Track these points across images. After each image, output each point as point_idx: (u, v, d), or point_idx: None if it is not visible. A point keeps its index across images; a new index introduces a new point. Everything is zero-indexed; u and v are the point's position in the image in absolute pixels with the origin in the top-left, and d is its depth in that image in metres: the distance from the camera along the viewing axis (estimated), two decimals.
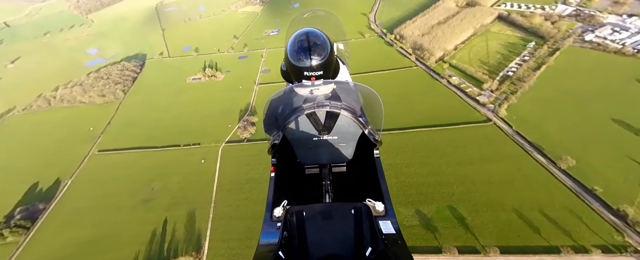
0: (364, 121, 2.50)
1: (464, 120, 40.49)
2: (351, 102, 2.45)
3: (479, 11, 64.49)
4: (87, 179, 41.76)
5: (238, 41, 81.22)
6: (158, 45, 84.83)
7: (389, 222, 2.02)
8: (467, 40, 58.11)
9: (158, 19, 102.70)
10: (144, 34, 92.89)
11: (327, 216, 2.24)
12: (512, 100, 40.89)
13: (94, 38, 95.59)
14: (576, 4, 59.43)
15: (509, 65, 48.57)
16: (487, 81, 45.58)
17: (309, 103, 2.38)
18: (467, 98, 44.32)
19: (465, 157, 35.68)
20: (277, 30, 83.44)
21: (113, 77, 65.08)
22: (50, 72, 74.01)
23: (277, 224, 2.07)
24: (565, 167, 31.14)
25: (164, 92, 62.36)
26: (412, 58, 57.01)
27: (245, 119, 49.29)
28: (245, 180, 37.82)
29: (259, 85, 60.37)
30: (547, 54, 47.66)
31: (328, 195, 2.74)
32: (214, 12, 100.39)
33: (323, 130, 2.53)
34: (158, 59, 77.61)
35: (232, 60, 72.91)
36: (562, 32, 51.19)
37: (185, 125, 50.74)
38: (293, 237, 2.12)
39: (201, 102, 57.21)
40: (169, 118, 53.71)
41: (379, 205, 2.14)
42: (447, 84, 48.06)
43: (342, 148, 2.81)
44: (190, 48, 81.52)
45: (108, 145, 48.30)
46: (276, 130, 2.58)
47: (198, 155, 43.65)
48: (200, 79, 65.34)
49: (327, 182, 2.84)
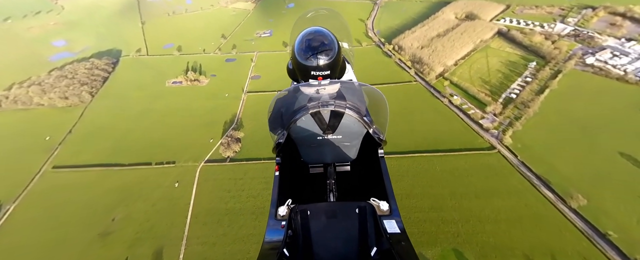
0: (368, 120, 2.46)
1: (467, 147, 37.81)
2: (356, 102, 2.43)
3: (479, 25, 62.66)
4: (34, 204, 35.25)
5: (226, 41, 75.17)
6: (136, 41, 77.04)
7: (393, 221, 2.01)
8: (467, 55, 55.96)
9: (138, 9, 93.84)
10: (120, 27, 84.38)
11: (331, 215, 2.25)
12: (516, 126, 38.66)
13: (63, 28, 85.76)
14: (574, 23, 58.83)
15: (511, 87, 46.62)
16: (490, 103, 43.28)
17: (314, 102, 2.35)
18: (470, 121, 41.77)
19: (470, 188, 32.89)
20: (270, 31, 78.10)
21: (79, 76, 57.49)
22: (5, 67, 64.77)
23: (282, 222, 2.07)
24: (576, 206, 28.99)
25: (139, 96, 55.74)
26: (412, 72, 54.06)
27: (230, 134, 44.22)
28: (224, 211, 33.06)
29: (247, 93, 55.24)
30: (549, 77, 46.07)
31: (332, 195, 2.66)
32: (202, 6, 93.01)
33: (327, 130, 2.50)
34: (134, 56, 70.19)
35: (218, 63, 67.03)
36: (563, 53, 49.97)
37: (160, 139, 44.90)
38: (297, 235, 2.11)
39: (180, 110, 51.34)
40: (142, 128, 47.55)
41: (384, 205, 2.13)
42: (448, 103, 45.36)
43: (347, 147, 2.80)
44: (173, 46, 74.52)
45: (66, 160, 41.65)
46: (281, 129, 2.52)
47: (172, 177, 38.25)
48: (181, 83, 59.15)
49: (331, 181, 2.77)
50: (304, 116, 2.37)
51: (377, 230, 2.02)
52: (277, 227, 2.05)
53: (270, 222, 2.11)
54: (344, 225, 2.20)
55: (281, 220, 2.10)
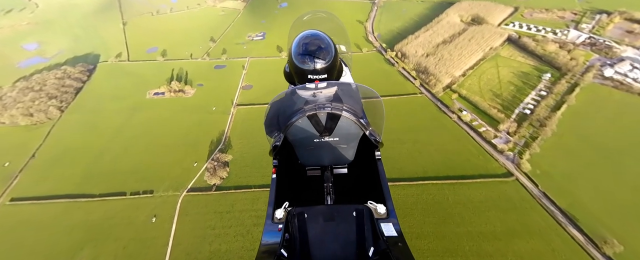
0: (365, 122, 2.49)
1: (481, 173, 33.98)
2: (352, 104, 2.44)
3: (487, 31, 58.49)
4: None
5: (215, 45, 69.44)
6: (116, 44, 70.71)
7: (390, 224, 2.04)
8: (475, 65, 51.88)
9: (119, 8, 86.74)
10: (99, 27, 77.62)
11: (328, 218, 2.25)
12: (533, 148, 34.95)
13: (36, 28, 78.68)
14: (589, 30, 55.15)
15: (525, 101, 42.84)
16: (503, 120, 39.45)
17: (311, 105, 2.36)
18: (482, 140, 37.90)
19: (488, 226, 29.13)
20: (262, 34, 72.55)
21: (48, 87, 51.55)
22: None
23: (279, 225, 2.09)
24: (611, 253, 25.50)
25: (115, 109, 50.25)
26: (417, 83, 49.81)
27: (216, 156, 39.48)
28: (208, 255, 28.68)
29: (237, 107, 50.27)
30: (566, 91, 42.38)
31: (329, 197, 2.70)
32: (189, 4, 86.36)
33: (324, 132, 2.50)
34: (114, 62, 64.12)
35: (206, 70, 61.60)
36: (580, 64, 46.28)
37: (137, 162, 39.91)
38: (294, 238, 2.13)
39: (162, 126, 46.19)
40: (117, 149, 42.39)
41: (381, 208, 2.16)
42: (457, 119, 41.37)
43: (344, 150, 2.81)
44: (157, 50, 68.53)
45: (26, 191, 36.46)
46: (277, 132, 2.54)
47: (148, 209, 33.56)
48: (163, 94, 53.73)
49: (328, 184, 2.80)
50: (301, 119, 2.36)
51: (374, 234, 2.02)
52: (274, 229, 2.05)
53: (268, 225, 2.13)
54: (341, 228, 2.17)
55: (278, 223, 2.12)
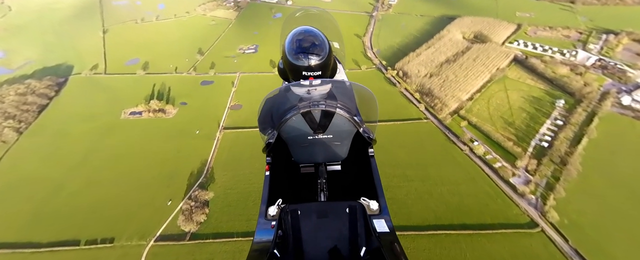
0: (359, 120, 2.49)
1: (501, 221, 29.59)
2: (346, 101, 2.45)
3: (492, 50, 55.49)
4: None
5: (203, 58, 64.24)
6: (93, 54, 64.70)
7: (382, 220, 2.06)
8: (483, 87, 48.40)
9: (101, 14, 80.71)
10: (76, 35, 71.42)
11: (322, 215, 2.25)
12: (558, 191, 30.89)
13: (5, 34, 71.78)
14: (598, 51, 52.77)
15: (541, 131, 39.18)
16: (521, 155, 35.48)
17: (305, 102, 2.36)
18: (499, 179, 33.73)
19: None
20: (255, 47, 67.80)
21: (6, 105, 45.15)
22: None
23: (272, 222, 2.08)
24: None
25: (83, 132, 44.16)
26: (422, 107, 45.74)
27: (195, 194, 33.91)
28: None
29: (224, 130, 44.96)
30: (584, 120, 38.97)
31: (323, 194, 2.67)
32: (176, 12, 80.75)
33: (318, 129, 2.50)
34: (88, 75, 58.05)
35: (192, 86, 56.23)
36: (595, 90, 43.24)
37: (100, 198, 33.94)
38: (288, 235, 2.13)
39: (135, 154, 40.38)
40: (78, 181, 36.32)
41: (374, 204, 2.18)
42: (469, 152, 37.20)
43: (337, 147, 2.82)
44: (138, 62, 62.83)
45: None
46: (271, 129, 2.54)
47: None
48: (141, 113, 47.98)
49: (322, 181, 2.77)
50: (295, 116, 2.35)
51: (367, 230, 2.02)
52: (267, 227, 2.05)
53: (260, 222, 2.11)
54: (334, 225, 2.17)
55: (271, 220, 2.10)
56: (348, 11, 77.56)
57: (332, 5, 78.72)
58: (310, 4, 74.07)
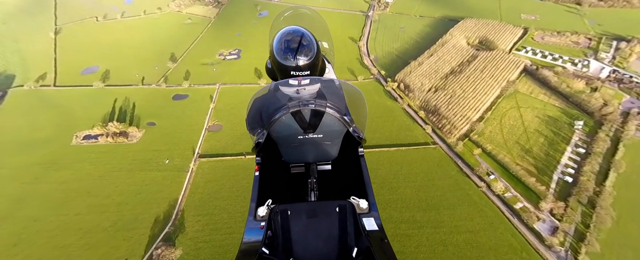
0: (348, 119, 2.50)
1: None
2: (336, 101, 2.44)
3: (500, 59, 50.61)
4: None
5: (176, 66, 55.62)
6: (40, 61, 54.50)
7: (372, 218, 2.09)
8: (493, 104, 43.58)
9: (54, 9, 68.75)
10: (21, 36, 60.23)
11: (312, 214, 2.26)
12: (591, 243, 26.72)
13: None
14: (610, 61, 49.01)
15: (562, 162, 34.95)
16: (544, 195, 31.02)
17: (294, 101, 2.34)
18: (522, 225, 29.22)
19: None
20: (237, 51, 59.58)
21: None
22: None
23: (261, 223, 2.08)
24: None
25: (20, 166, 35.81)
26: (428, 129, 40.38)
27: (158, 252, 27.21)
28: None
29: (200, 159, 37.93)
30: (608, 149, 35.02)
31: (313, 194, 2.64)
32: (146, 8, 69.89)
33: (308, 129, 2.48)
34: (33, 88, 48.50)
35: (162, 101, 48.13)
36: (615, 109, 39.35)
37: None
38: (277, 235, 2.13)
39: (86, 194, 32.85)
40: (3, 238, 28.66)
41: (363, 203, 2.21)
42: (486, 189, 32.45)
43: (327, 146, 2.81)
44: (96, 70, 53.56)
45: None
46: (260, 129, 2.51)
47: None
48: (97, 138, 39.85)
49: (312, 181, 2.73)
50: (285, 115, 2.34)
51: (356, 229, 2.05)
52: (256, 227, 2.04)
53: (249, 223, 2.12)
54: (324, 224, 2.18)
55: (260, 220, 2.11)
56: (342, 10, 69.95)
57: (326, 3, 70.83)
58: (300, 3, 65.82)
